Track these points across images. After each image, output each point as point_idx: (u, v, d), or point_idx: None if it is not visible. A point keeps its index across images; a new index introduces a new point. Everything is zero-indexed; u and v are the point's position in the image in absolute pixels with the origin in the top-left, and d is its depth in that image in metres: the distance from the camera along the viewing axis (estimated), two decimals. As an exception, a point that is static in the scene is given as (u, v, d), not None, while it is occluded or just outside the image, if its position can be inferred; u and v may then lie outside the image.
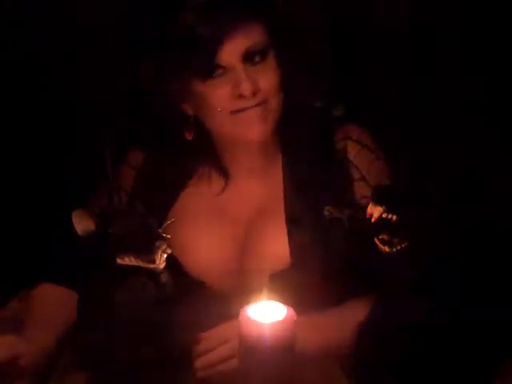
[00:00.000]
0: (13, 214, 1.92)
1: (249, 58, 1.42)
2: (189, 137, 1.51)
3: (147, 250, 1.27)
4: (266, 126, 1.46)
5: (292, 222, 1.49)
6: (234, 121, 1.44)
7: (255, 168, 1.53)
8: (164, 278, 1.30)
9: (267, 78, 1.44)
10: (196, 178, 1.56)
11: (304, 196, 1.49)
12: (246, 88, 1.41)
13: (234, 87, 1.42)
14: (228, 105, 1.43)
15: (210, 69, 1.42)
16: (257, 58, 1.43)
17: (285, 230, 1.49)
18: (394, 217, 1.27)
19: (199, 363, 1.37)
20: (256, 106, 1.43)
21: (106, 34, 1.92)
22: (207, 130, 1.50)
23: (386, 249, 1.27)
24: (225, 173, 1.54)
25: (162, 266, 1.29)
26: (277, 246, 1.48)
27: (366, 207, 1.31)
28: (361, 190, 1.49)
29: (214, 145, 1.53)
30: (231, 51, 1.41)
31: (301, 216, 1.48)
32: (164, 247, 1.29)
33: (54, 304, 1.49)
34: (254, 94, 1.42)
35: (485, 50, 1.74)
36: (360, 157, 1.51)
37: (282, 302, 1.25)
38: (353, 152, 1.51)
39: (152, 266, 1.28)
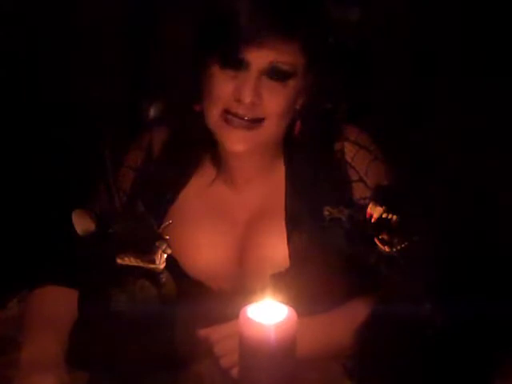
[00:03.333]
0: (13, 215, 1.92)
1: (270, 71, 1.40)
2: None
3: (147, 249, 1.27)
4: (252, 145, 1.44)
5: (291, 222, 1.49)
6: (222, 125, 1.43)
7: (256, 169, 1.53)
8: (164, 278, 1.30)
9: (276, 99, 1.42)
10: (196, 178, 1.56)
11: (304, 197, 1.49)
12: (246, 94, 1.39)
13: (237, 88, 1.41)
14: (225, 101, 1.42)
15: (232, 58, 1.40)
16: (277, 76, 1.41)
17: (284, 231, 1.49)
18: (394, 217, 1.27)
19: (221, 349, 1.37)
20: (248, 121, 1.41)
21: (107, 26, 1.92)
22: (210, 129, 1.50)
23: (386, 249, 1.27)
24: (225, 173, 1.54)
25: (162, 266, 1.29)
26: (276, 246, 1.49)
27: (366, 208, 1.31)
28: (359, 191, 1.49)
29: (215, 145, 1.53)
30: (258, 55, 1.39)
31: (300, 216, 1.49)
32: (164, 247, 1.28)
33: (54, 304, 1.49)
34: (253, 105, 1.40)
35: (485, 50, 1.74)
36: (358, 158, 1.51)
37: (282, 303, 1.25)
38: (351, 153, 1.51)
39: (152, 266, 1.28)
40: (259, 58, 1.39)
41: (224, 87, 1.42)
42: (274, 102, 1.42)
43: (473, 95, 1.75)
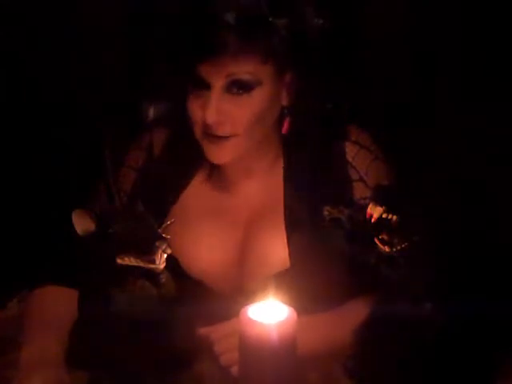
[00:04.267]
0: (13, 215, 1.92)
1: (230, 86, 1.39)
2: None
3: (147, 250, 1.27)
4: (234, 155, 1.45)
5: (291, 222, 1.49)
6: (202, 141, 1.44)
7: (256, 169, 1.53)
8: (164, 278, 1.30)
9: (242, 114, 1.40)
10: (197, 178, 1.56)
11: (304, 197, 1.49)
12: (209, 116, 1.39)
13: (202, 109, 1.41)
14: (198, 121, 1.43)
15: (194, 80, 1.40)
16: (239, 90, 1.39)
17: (284, 231, 1.49)
18: (394, 217, 1.27)
19: (220, 347, 1.37)
20: (220, 138, 1.41)
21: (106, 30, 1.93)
22: None
23: (386, 249, 1.27)
24: (225, 174, 1.54)
25: (162, 266, 1.29)
26: (276, 246, 1.49)
27: (366, 207, 1.31)
28: (359, 191, 1.49)
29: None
30: (213, 72, 1.38)
31: (300, 217, 1.49)
32: (164, 247, 1.29)
33: (54, 304, 1.49)
34: (218, 124, 1.40)
35: (485, 50, 1.74)
36: (359, 157, 1.51)
37: (282, 303, 1.25)
38: (352, 153, 1.51)
39: (152, 266, 1.28)
40: (215, 75, 1.38)
41: (194, 109, 1.43)
42: (241, 117, 1.41)
43: (473, 95, 1.75)
